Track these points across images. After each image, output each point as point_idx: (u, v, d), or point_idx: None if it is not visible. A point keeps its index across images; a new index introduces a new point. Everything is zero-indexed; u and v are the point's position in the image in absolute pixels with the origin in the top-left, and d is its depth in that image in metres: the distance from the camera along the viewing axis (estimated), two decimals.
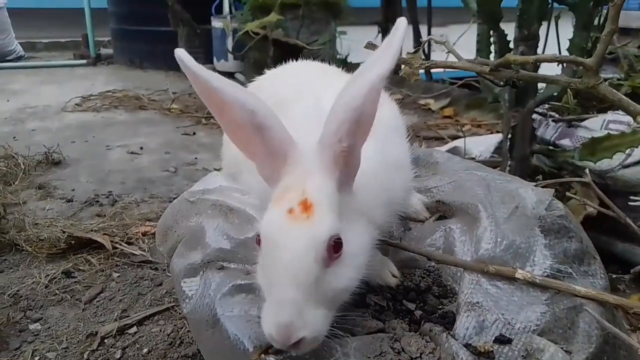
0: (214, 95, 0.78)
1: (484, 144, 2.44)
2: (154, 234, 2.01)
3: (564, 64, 1.76)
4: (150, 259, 1.82)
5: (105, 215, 2.15)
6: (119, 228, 2.02)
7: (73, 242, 1.86)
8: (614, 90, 1.05)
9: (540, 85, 1.84)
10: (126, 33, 6.02)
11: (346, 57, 5.71)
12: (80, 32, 6.46)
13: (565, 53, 1.86)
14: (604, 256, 1.09)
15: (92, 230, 1.98)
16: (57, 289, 1.64)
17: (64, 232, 1.89)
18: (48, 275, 1.70)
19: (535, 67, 1.65)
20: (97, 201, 2.33)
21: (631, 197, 1.72)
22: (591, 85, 1.03)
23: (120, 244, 1.89)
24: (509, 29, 1.80)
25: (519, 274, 0.86)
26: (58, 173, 2.67)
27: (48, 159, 2.76)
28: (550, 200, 1.00)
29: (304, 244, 0.73)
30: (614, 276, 1.72)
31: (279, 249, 0.74)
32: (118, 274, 1.74)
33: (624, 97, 1.03)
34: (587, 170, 1.42)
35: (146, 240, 1.95)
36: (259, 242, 0.77)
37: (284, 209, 0.75)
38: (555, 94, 1.76)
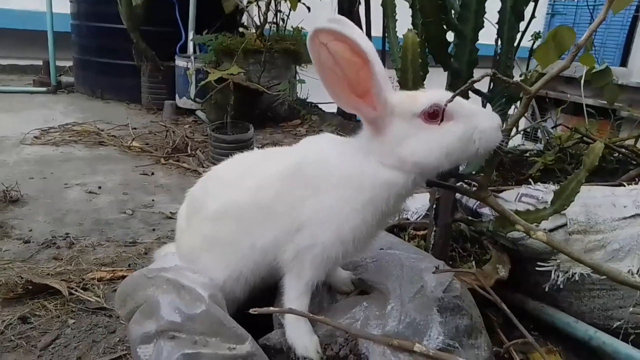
0: None
1: (420, 202, 2.69)
2: (109, 279, 2.13)
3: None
4: (104, 305, 1.94)
5: (62, 259, 2.25)
6: (75, 273, 2.13)
7: (30, 287, 1.96)
8: (499, 203, 1.32)
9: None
10: (88, 63, 6.06)
11: (306, 98, 6.02)
12: (40, 55, 6.43)
13: None
14: (517, 312, 1.34)
15: (48, 274, 2.09)
16: (13, 335, 1.73)
17: (21, 277, 1.98)
18: (4, 321, 1.79)
19: None
20: (54, 243, 2.42)
21: (538, 263, 2.00)
22: (482, 197, 1.29)
23: (77, 290, 2.01)
24: None
25: (417, 347, 1.07)
26: (16, 211, 2.74)
27: (6, 197, 2.81)
28: (450, 281, 1.23)
29: None
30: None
31: None
32: (73, 321, 1.85)
33: (506, 209, 1.30)
34: (473, 264, 1.66)
35: (101, 286, 2.07)
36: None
37: None
38: (474, 172, 2.03)
